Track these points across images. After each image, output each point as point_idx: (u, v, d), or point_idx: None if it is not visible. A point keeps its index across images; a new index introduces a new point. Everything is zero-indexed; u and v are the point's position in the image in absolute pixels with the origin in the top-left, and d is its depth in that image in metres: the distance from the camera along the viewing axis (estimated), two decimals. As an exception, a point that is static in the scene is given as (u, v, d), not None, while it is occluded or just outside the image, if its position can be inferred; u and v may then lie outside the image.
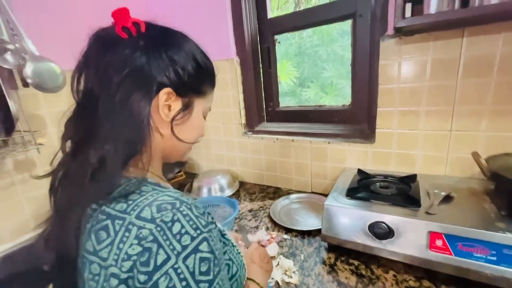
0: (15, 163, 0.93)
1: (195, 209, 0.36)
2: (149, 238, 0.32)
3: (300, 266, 0.73)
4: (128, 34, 0.40)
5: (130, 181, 0.38)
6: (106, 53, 0.39)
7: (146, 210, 0.34)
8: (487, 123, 0.77)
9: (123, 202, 0.36)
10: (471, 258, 0.58)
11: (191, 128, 0.47)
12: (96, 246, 0.35)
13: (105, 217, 0.36)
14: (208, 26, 1.22)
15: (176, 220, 0.33)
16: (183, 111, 0.44)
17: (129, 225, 0.33)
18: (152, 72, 0.40)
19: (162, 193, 0.37)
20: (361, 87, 1.03)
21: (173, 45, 0.43)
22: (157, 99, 0.41)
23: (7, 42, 0.70)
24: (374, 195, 0.78)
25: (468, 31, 0.74)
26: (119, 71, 0.38)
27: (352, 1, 0.97)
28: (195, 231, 0.34)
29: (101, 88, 0.38)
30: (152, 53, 0.40)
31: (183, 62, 0.42)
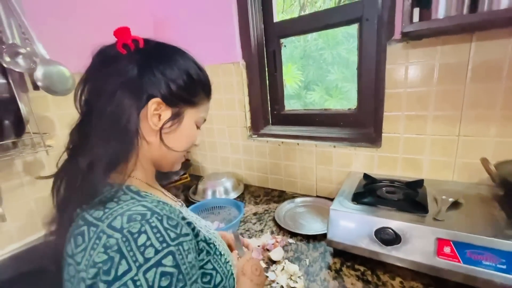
0: (24, 165, 0.95)
1: (166, 220, 0.36)
2: (114, 247, 0.33)
3: (305, 271, 0.73)
4: (127, 50, 0.43)
5: (112, 188, 0.40)
6: (104, 68, 0.42)
7: (118, 219, 0.35)
8: (496, 129, 0.76)
9: (100, 209, 0.37)
10: (480, 266, 0.57)
11: (181, 137, 0.48)
12: (74, 250, 0.37)
13: (83, 223, 0.37)
14: (214, 30, 1.23)
15: (143, 231, 0.34)
16: (172, 120, 0.45)
17: (100, 233, 0.35)
18: (143, 83, 0.42)
19: (138, 202, 0.38)
20: (367, 91, 1.03)
21: (165, 58, 0.45)
22: (146, 108, 0.42)
23: (19, 46, 0.72)
24: (381, 200, 0.77)
25: (477, 35, 0.73)
26: (112, 83, 0.41)
27: (359, 6, 0.97)
28: (160, 244, 0.34)
29: (95, 99, 0.42)
30: (143, 65, 0.42)
31: (173, 74, 0.44)
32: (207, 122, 1.44)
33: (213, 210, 1.04)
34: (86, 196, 0.39)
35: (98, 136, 0.40)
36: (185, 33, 1.32)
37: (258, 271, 0.59)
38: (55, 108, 1.00)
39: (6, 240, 0.91)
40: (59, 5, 1.03)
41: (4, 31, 0.71)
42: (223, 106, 1.32)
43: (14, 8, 0.73)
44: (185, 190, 1.34)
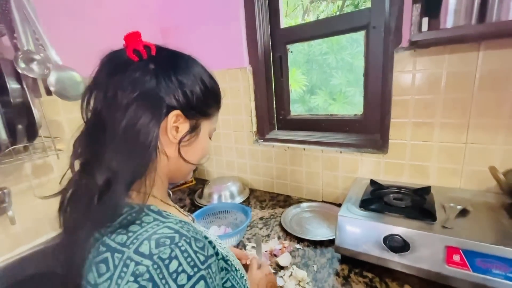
0: (34, 168, 0.96)
1: (194, 243, 0.35)
2: (145, 276, 0.31)
3: (313, 277, 0.73)
4: (139, 57, 0.41)
5: (132, 209, 0.38)
6: (116, 75, 0.40)
7: (145, 244, 0.33)
8: (504, 137, 0.77)
9: (123, 233, 0.35)
10: (490, 274, 0.57)
11: (197, 150, 0.48)
12: (97, 279, 0.34)
13: (105, 249, 0.35)
14: (221, 35, 1.24)
15: (174, 257, 0.33)
16: (191, 133, 0.45)
17: (127, 260, 0.33)
18: (162, 95, 0.40)
19: (163, 224, 0.37)
20: (374, 97, 1.04)
21: (182, 68, 0.44)
22: (166, 121, 0.41)
23: (33, 52, 0.73)
24: (388, 207, 0.77)
25: (484, 45, 0.74)
26: (129, 94, 0.38)
27: (366, 13, 0.98)
28: (192, 269, 0.33)
29: (109, 110, 0.39)
30: (162, 76, 0.41)
31: (191, 85, 0.43)
32: (213, 126, 1.46)
33: (219, 215, 1.05)
34: (104, 218, 0.36)
35: (115, 150, 0.37)
36: (192, 39, 1.33)
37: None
38: (65, 112, 1.01)
39: (15, 243, 0.92)
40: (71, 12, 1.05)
41: (19, 38, 0.72)
42: (230, 111, 1.33)
43: (29, 15, 0.75)
44: (190, 194, 1.35)
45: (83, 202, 0.38)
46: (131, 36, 0.41)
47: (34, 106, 0.77)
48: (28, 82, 0.77)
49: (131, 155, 0.38)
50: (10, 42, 0.76)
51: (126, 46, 0.41)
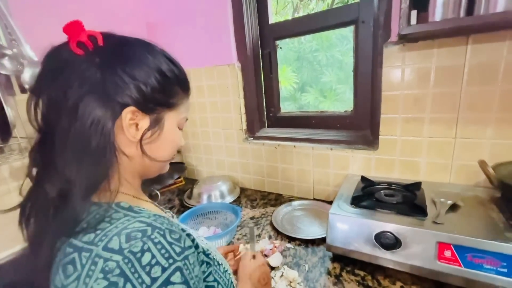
0: (11, 170, 0.91)
1: (169, 234, 0.34)
2: (115, 271, 0.30)
3: (305, 277, 0.72)
4: (84, 50, 0.36)
5: (100, 207, 0.36)
6: (60, 74, 0.36)
7: (115, 240, 0.32)
8: (493, 131, 0.77)
9: (91, 232, 0.34)
10: (481, 269, 0.57)
11: (164, 145, 0.44)
12: (64, 281, 0.32)
13: (72, 249, 0.33)
14: (209, 32, 1.21)
15: (146, 249, 0.31)
16: (153, 129, 0.40)
17: (95, 258, 0.31)
18: (111, 91, 0.36)
19: (134, 219, 0.35)
20: (364, 94, 1.03)
21: (132, 58, 0.39)
22: (120, 120, 0.37)
23: (5, 47, 0.69)
24: (379, 204, 0.76)
25: (473, 38, 0.74)
26: (75, 94, 0.35)
27: (355, 8, 0.97)
28: (167, 261, 0.32)
29: (56, 115, 0.35)
30: (109, 70, 0.37)
31: (145, 76, 0.38)
32: (202, 125, 1.43)
33: (209, 215, 1.02)
34: (65, 226, 0.34)
35: (66, 158, 0.35)
36: (179, 34, 1.29)
37: (265, 280, 0.58)
38: (44, 111, 0.97)
39: (-8, 250, 0.87)
40: (49, 7, 1.00)
41: (-12, 31, 0.68)
42: (218, 109, 1.30)
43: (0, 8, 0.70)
44: (180, 194, 1.32)
45: (41, 213, 0.37)
46: (71, 27, 0.36)
47: (7, 104, 0.73)
48: (0, 79, 0.72)
49: (84, 162, 0.35)
50: (-21, 37, 0.72)
51: (69, 39, 0.37)
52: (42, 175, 0.38)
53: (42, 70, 0.38)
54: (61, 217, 0.35)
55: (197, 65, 1.28)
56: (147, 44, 0.42)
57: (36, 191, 0.38)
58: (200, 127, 1.39)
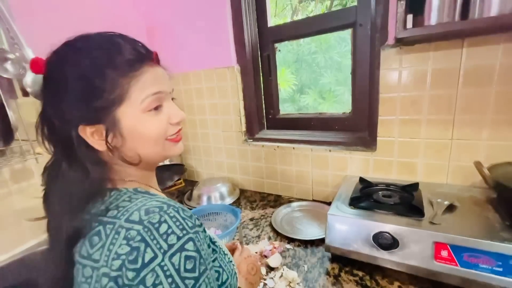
0: (12, 173, 0.92)
1: (182, 211, 0.38)
2: (137, 238, 0.33)
3: (304, 278, 0.72)
4: None
5: (120, 191, 0.41)
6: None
7: (135, 213, 0.36)
8: (488, 132, 0.78)
9: (114, 209, 0.38)
10: (477, 269, 0.58)
11: (137, 139, 0.41)
12: (90, 250, 0.36)
13: (97, 224, 0.38)
14: (209, 34, 1.22)
15: (163, 221, 0.35)
16: (111, 133, 0.39)
17: (118, 228, 0.35)
18: (61, 118, 0.39)
19: (151, 199, 0.39)
20: (362, 96, 1.04)
21: (56, 80, 0.39)
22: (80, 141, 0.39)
23: (7, 51, 0.70)
24: (377, 204, 0.77)
25: (468, 41, 0.75)
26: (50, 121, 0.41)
27: (352, 11, 0.98)
28: (181, 231, 0.35)
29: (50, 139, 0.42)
30: (47, 101, 0.40)
31: (73, 94, 0.37)
32: (201, 127, 1.44)
33: (209, 217, 1.03)
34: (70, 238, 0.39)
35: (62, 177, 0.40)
36: (179, 38, 1.31)
37: (254, 270, 0.59)
38: (45, 114, 0.97)
39: (-7, 252, 0.88)
40: (50, 10, 1.01)
41: (-9, 36, 0.69)
42: (218, 111, 1.31)
43: (2, 12, 0.71)
44: (179, 195, 1.33)
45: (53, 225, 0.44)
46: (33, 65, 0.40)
47: (10, 108, 0.74)
48: (3, 83, 0.73)
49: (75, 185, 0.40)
50: (-18, 41, 0.72)
51: None
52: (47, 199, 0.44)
53: None
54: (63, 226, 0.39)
55: (196, 67, 1.29)
56: (68, 53, 0.39)
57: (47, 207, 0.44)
58: (200, 129, 1.40)
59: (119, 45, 0.39)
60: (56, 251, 0.41)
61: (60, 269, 0.40)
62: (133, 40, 0.41)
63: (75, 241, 0.39)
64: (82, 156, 0.39)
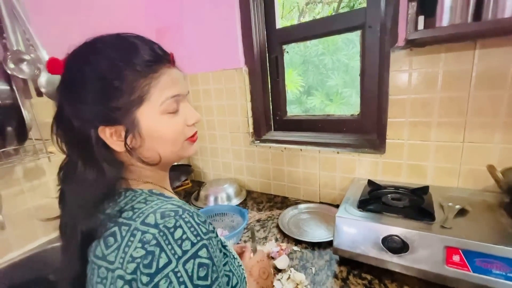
0: (25, 171, 0.94)
1: (196, 217, 0.38)
2: (152, 242, 0.34)
3: (311, 280, 0.72)
4: None
5: (135, 192, 0.41)
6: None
7: (151, 216, 0.36)
8: (501, 135, 0.76)
9: (129, 210, 0.38)
10: (490, 274, 0.57)
11: (156, 140, 0.42)
12: (105, 251, 0.37)
13: (113, 224, 0.38)
14: (217, 36, 1.23)
15: (179, 226, 0.35)
16: (131, 134, 0.40)
17: (134, 230, 0.35)
18: (81, 118, 0.39)
19: (166, 202, 0.39)
20: (370, 97, 1.03)
21: (76, 80, 0.39)
22: (99, 142, 0.40)
23: (23, 52, 0.72)
24: (386, 207, 0.76)
25: (480, 43, 0.74)
26: (68, 121, 0.40)
27: (361, 13, 0.98)
28: (195, 237, 0.35)
29: (66, 141, 0.42)
30: (68, 102, 0.40)
31: (93, 95, 0.38)
32: (209, 128, 1.45)
33: (216, 217, 1.03)
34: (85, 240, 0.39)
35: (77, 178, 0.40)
36: (187, 40, 1.32)
37: (266, 274, 0.59)
38: (57, 114, 0.99)
39: (5, 248, 0.90)
40: (63, 12, 1.03)
41: (8, 37, 0.71)
42: (226, 112, 1.32)
43: (19, 14, 0.73)
44: (187, 196, 1.33)
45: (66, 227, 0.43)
46: (49, 64, 0.41)
47: (24, 107, 0.75)
48: (18, 83, 0.75)
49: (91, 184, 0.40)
50: (-1, 43, 0.75)
51: None
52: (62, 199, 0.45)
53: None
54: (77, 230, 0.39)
55: (205, 69, 1.30)
56: (88, 55, 0.40)
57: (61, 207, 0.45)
58: (207, 130, 1.41)
59: (137, 46, 0.39)
60: (70, 250, 0.41)
61: (74, 269, 0.41)
62: (150, 41, 0.42)
63: (90, 241, 0.39)
64: (99, 156, 0.39)
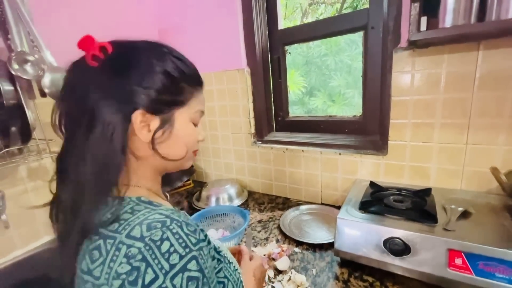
0: (29, 171, 0.95)
1: (185, 226, 0.36)
2: (137, 257, 0.32)
3: (312, 282, 0.72)
4: (98, 61, 0.39)
5: (122, 201, 0.39)
6: (77, 87, 0.39)
7: (136, 228, 0.34)
8: (505, 137, 0.76)
9: (115, 221, 0.36)
10: (493, 278, 0.56)
11: (177, 142, 0.45)
12: (90, 265, 0.35)
13: (98, 237, 0.36)
14: (219, 37, 1.24)
15: (165, 238, 0.34)
16: (162, 128, 0.42)
17: (119, 244, 0.34)
18: (120, 98, 0.39)
19: (154, 211, 0.37)
20: (373, 98, 1.03)
21: (138, 64, 0.41)
22: (132, 123, 0.40)
23: (27, 53, 0.72)
24: (388, 209, 0.76)
25: (484, 44, 0.73)
26: (89, 103, 0.38)
27: (364, 13, 0.98)
28: (184, 250, 0.34)
29: (75, 123, 0.39)
30: (117, 77, 0.39)
31: (150, 80, 0.40)
32: (211, 128, 1.45)
33: (217, 218, 1.03)
34: (85, 227, 0.37)
35: (81, 162, 0.37)
36: (190, 41, 1.32)
37: (262, 275, 0.62)
38: (60, 114, 1.00)
39: (9, 247, 0.91)
40: (67, 14, 1.04)
41: (13, 38, 0.71)
42: (228, 113, 1.32)
43: (23, 15, 0.74)
44: (188, 196, 1.34)
45: (65, 214, 0.40)
46: (84, 41, 0.39)
47: (28, 108, 0.76)
48: (22, 84, 0.76)
49: (97, 165, 0.38)
50: (3, 43, 0.75)
51: (85, 53, 0.39)
52: (64, 178, 0.41)
53: (63, 85, 0.41)
54: (77, 222, 0.37)
55: (207, 69, 1.30)
56: (153, 47, 0.44)
57: (58, 193, 0.42)
58: (209, 130, 1.41)
59: (193, 65, 0.47)
60: (66, 246, 0.40)
61: (70, 266, 0.39)
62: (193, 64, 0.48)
63: (84, 237, 0.38)
64: (117, 140, 0.38)
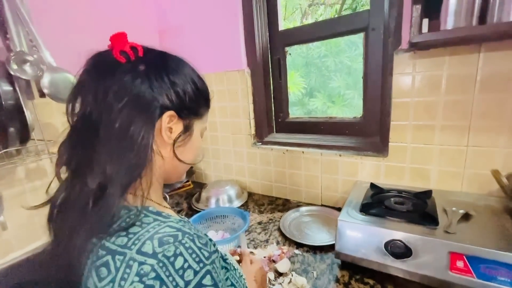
0: (27, 172, 0.94)
1: (197, 240, 0.35)
2: (151, 274, 0.31)
3: (313, 284, 0.71)
4: (126, 59, 0.40)
5: (130, 212, 0.37)
6: (104, 78, 0.39)
7: (148, 244, 0.33)
8: (506, 139, 0.76)
9: (123, 235, 0.35)
10: (495, 281, 0.56)
11: (191, 149, 0.48)
12: (97, 283, 0.33)
13: (105, 252, 0.34)
14: (220, 38, 1.23)
15: (179, 254, 0.33)
16: (184, 133, 0.45)
17: (130, 261, 0.32)
18: (155, 96, 0.40)
19: (164, 224, 0.36)
20: (373, 100, 1.03)
21: (173, 68, 0.43)
22: (160, 122, 0.41)
23: (26, 53, 0.72)
24: (389, 211, 0.76)
25: (485, 46, 0.73)
26: (121, 97, 0.37)
27: (365, 15, 0.98)
28: (198, 265, 0.33)
29: (101, 114, 0.37)
30: (154, 77, 0.40)
31: (183, 84, 0.43)
32: (211, 129, 1.45)
33: (217, 219, 1.03)
34: (102, 222, 0.35)
35: (109, 153, 0.36)
36: (190, 41, 1.32)
37: (262, 278, 0.62)
38: (59, 115, 0.99)
39: (7, 249, 0.90)
40: (66, 13, 1.04)
41: (12, 38, 0.71)
42: (228, 114, 1.31)
43: (22, 16, 0.74)
44: (188, 197, 1.33)
45: (77, 208, 0.37)
46: (117, 37, 0.40)
47: (27, 108, 0.76)
48: (21, 84, 0.75)
49: (126, 157, 0.37)
50: (2, 43, 0.75)
51: (112, 47, 0.40)
52: (80, 169, 0.38)
53: (85, 72, 0.40)
54: (100, 210, 0.35)
55: (207, 70, 1.30)
56: (181, 59, 0.47)
57: (71, 186, 0.39)
58: (209, 131, 1.41)
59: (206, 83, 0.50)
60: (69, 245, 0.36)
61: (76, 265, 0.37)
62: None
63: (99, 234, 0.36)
64: (146, 136, 0.38)
